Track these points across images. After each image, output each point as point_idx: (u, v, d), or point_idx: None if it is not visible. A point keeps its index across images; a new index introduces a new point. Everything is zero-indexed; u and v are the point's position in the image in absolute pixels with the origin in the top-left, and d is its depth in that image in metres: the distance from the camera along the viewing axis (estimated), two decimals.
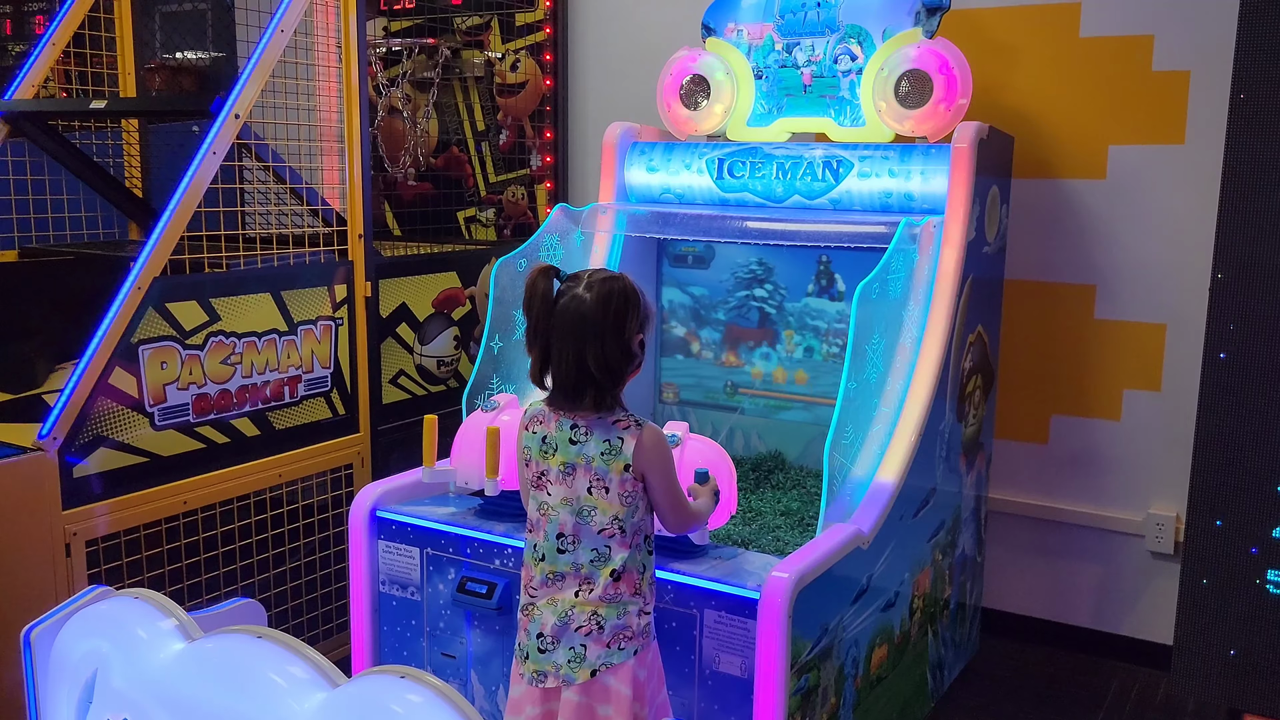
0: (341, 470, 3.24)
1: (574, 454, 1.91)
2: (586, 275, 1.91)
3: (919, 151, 2.91)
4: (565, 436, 1.91)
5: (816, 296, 3.26)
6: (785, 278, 3.29)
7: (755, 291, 3.34)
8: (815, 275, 3.25)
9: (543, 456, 1.94)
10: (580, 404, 1.90)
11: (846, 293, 3.21)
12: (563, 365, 1.88)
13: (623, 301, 1.89)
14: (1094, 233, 3.40)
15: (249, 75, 2.87)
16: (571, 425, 1.92)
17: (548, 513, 1.94)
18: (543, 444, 1.94)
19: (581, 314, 1.87)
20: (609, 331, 1.87)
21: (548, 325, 1.89)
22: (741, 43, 3.23)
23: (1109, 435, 3.45)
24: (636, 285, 1.94)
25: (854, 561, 2.35)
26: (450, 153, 4.37)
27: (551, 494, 1.93)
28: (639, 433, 1.91)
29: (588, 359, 1.86)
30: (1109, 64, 3.31)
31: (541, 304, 1.90)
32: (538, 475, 1.95)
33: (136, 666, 1.76)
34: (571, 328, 1.87)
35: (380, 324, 3.34)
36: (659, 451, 1.92)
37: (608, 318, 1.87)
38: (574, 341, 1.87)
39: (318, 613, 3.23)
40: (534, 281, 1.90)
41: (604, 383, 1.89)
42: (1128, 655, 3.49)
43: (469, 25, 4.23)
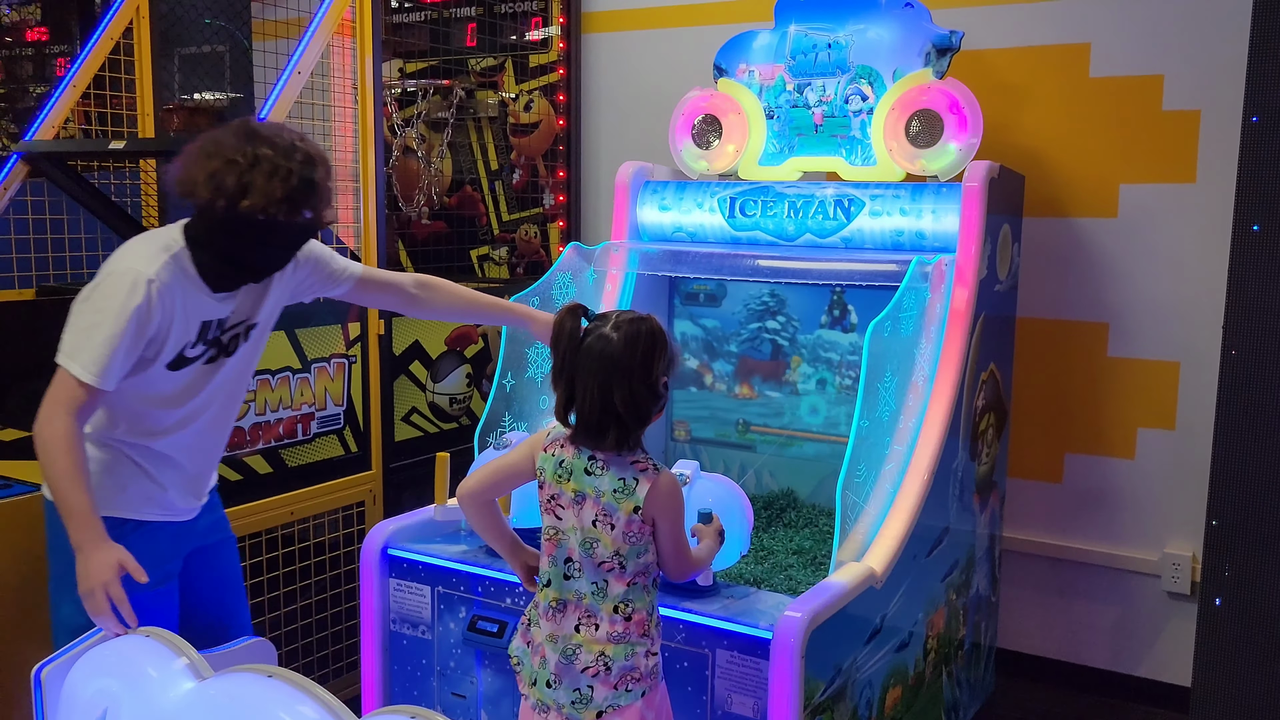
0: (354, 508, 3.24)
1: (587, 484, 1.91)
2: (614, 315, 1.92)
3: (930, 190, 2.92)
4: (581, 465, 1.91)
5: (829, 329, 3.26)
6: (797, 310, 3.29)
7: (768, 323, 3.34)
8: (828, 307, 3.25)
9: (557, 480, 1.94)
10: (603, 443, 1.90)
11: (859, 325, 3.22)
12: (587, 404, 1.88)
13: (650, 343, 1.89)
14: (1106, 271, 3.40)
15: (266, 116, 2.90)
16: (590, 456, 1.92)
17: (555, 537, 1.94)
18: (559, 467, 1.94)
19: (608, 354, 1.87)
20: (636, 372, 1.87)
21: (573, 364, 1.90)
22: (753, 83, 3.26)
23: (1123, 474, 3.43)
24: (663, 327, 1.95)
25: (867, 601, 2.34)
26: (464, 192, 4.41)
27: (563, 518, 1.93)
28: (655, 477, 1.90)
29: (614, 399, 1.86)
30: (1119, 103, 3.32)
31: (568, 342, 1.90)
32: (550, 498, 1.95)
33: (147, 705, 1.76)
34: (597, 367, 1.87)
35: (393, 362, 3.36)
36: (672, 500, 1.92)
37: (635, 358, 1.87)
38: (600, 381, 1.87)
39: (328, 651, 3.22)
40: (561, 320, 1.91)
41: (629, 423, 1.89)
42: (1145, 697, 3.45)
43: (483, 66, 4.28)
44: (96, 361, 2.00)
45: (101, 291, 2.03)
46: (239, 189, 2.02)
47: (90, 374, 1.99)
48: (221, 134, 2.09)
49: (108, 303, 2.02)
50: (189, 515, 2.31)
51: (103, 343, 2.00)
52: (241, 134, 2.07)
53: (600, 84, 4.16)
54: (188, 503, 2.29)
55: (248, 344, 2.28)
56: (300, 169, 2.06)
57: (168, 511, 2.25)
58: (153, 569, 2.05)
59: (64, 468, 1.98)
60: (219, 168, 2.03)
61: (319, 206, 2.13)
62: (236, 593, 2.48)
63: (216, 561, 2.42)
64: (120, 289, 2.02)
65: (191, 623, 2.36)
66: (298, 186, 2.05)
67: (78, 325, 2.03)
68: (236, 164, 2.03)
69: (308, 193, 2.08)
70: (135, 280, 2.02)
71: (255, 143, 2.05)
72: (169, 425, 2.20)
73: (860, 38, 3.10)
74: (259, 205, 2.03)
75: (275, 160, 2.04)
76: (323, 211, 2.15)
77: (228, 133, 2.08)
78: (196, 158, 2.07)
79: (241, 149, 2.04)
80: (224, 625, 2.41)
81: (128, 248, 2.10)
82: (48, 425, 1.99)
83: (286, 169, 2.04)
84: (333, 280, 2.40)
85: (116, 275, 2.04)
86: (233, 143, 2.05)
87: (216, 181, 2.03)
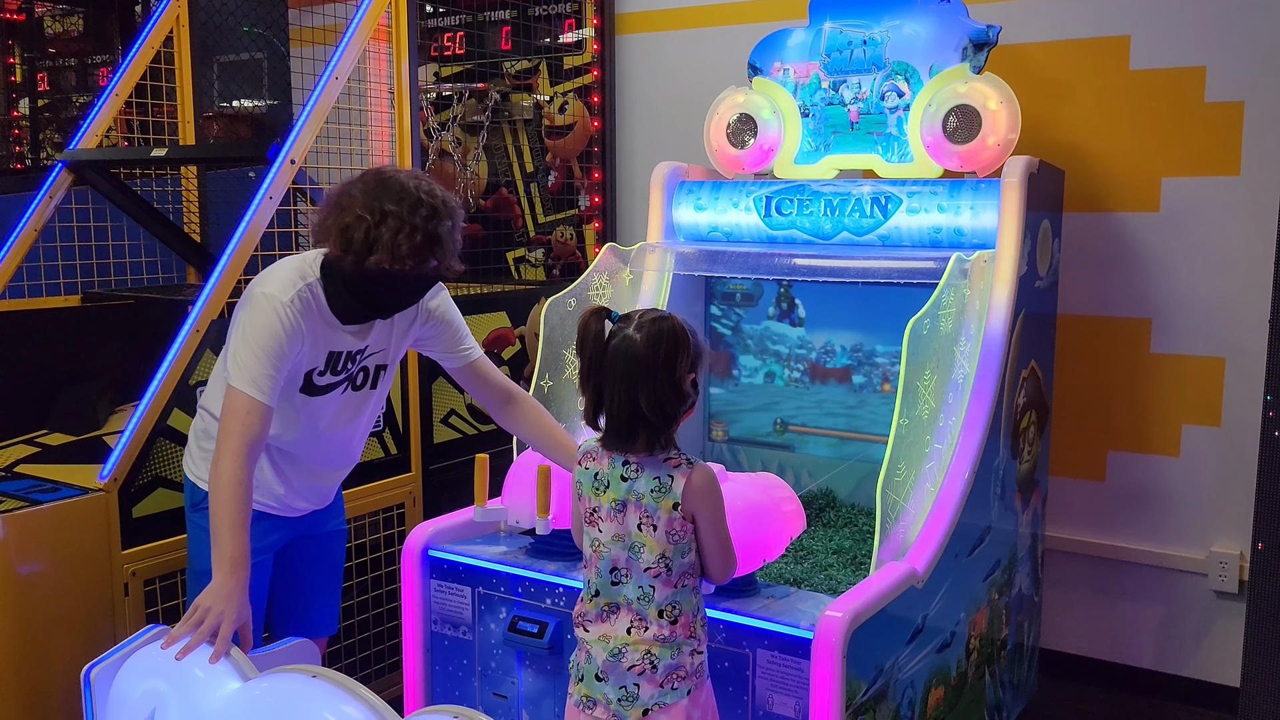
0: (394, 510, 3.26)
1: (625, 490, 1.91)
2: (637, 316, 1.92)
3: (968, 186, 2.90)
4: (617, 473, 1.92)
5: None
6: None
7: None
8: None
9: (595, 493, 1.94)
10: (633, 445, 1.91)
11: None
12: (615, 406, 1.89)
13: (672, 342, 1.89)
14: (1148, 266, 3.36)
15: (304, 121, 2.93)
16: (624, 462, 1.92)
17: (599, 549, 1.94)
18: (595, 480, 1.94)
19: (632, 355, 1.87)
20: (660, 372, 1.87)
21: (600, 366, 1.90)
22: (788, 81, 3.25)
23: (1168, 471, 3.39)
24: (688, 325, 1.95)
25: (908, 601, 2.32)
26: (499, 194, 4.43)
27: (603, 530, 1.94)
28: (689, 472, 1.90)
29: (640, 400, 1.86)
30: (1161, 96, 3.28)
31: (593, 345, 1.91)
32: (590, 511, 1.96)
33: (193, 705, 1.79)
34: (623, 369, 1.88)
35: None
36: (710, 492, 1.92)
37: (658, 358, 1.87)
38: (625, 382, 1.87)
39: (370, 652, 3.24)
40: (586, 323, 1.92)
41: (656, 423, 1.89)
42: (1192, 698, 3.40)
43: (518, 69, 4.30)
44: (258, 380, 2.11)
45: (248, 316, 2.16)
46: (365, 246, 2.11)
47: (259, 391, 2.11)
48: (353, 185, 2.18)
49: (255, 326, 2.14)
50: (301, 514, 2.45)
51: (258, 361, 2.12)
52: (371, 187, 2.15)
53: (635, 85, 4.16)
54: (303, 505, 2.44)
55: (386, 375, 2.43)
56: (425, 224, 2.13)
57: (282, 507, 2.41)
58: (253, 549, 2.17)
59: (229, 514, 2.08)
60: (350, 223, 2.12)
61: (445, 258, 2.20)
62: (331, 582, 2.62)
63: (320, 550, 2.57)
64: (262, 312, 2.15)
65: (281, 604, 2.53)
66: (422, 243, 2.13)
67: (235, 351, 2.15)
68: (364, 220, 2.11)
69: (433, 247, 2.16)
70: (270, 304, 2.15)
71: (384, 198, 2.13)
72: (306, 436, 2.34)
73: (896, 34, 3.08)
74: (385, 260, 2.11)
75: (401, 216, 2.11)
76: (448, 261, 2.22)
77: (358, 184, 2.17)
78: (331, 209, 2.18)
79: (369, 205, 2.12)
80: (311, 611, 2.57)
81: (268, 272, 2.23)
82: (228, 462, 2.10)
83: (412, 225, 2.12)
84: (453, 353, 2.51)
85: (255, 299, 2.17)
86: (361, 198, 2.14)
87: (347, 238, 2.12)
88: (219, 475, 2.10)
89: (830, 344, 3.22)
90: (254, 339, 2.13)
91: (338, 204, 2.17)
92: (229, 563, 2.05)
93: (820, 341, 3.23)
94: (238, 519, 2.08)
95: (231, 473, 2.08)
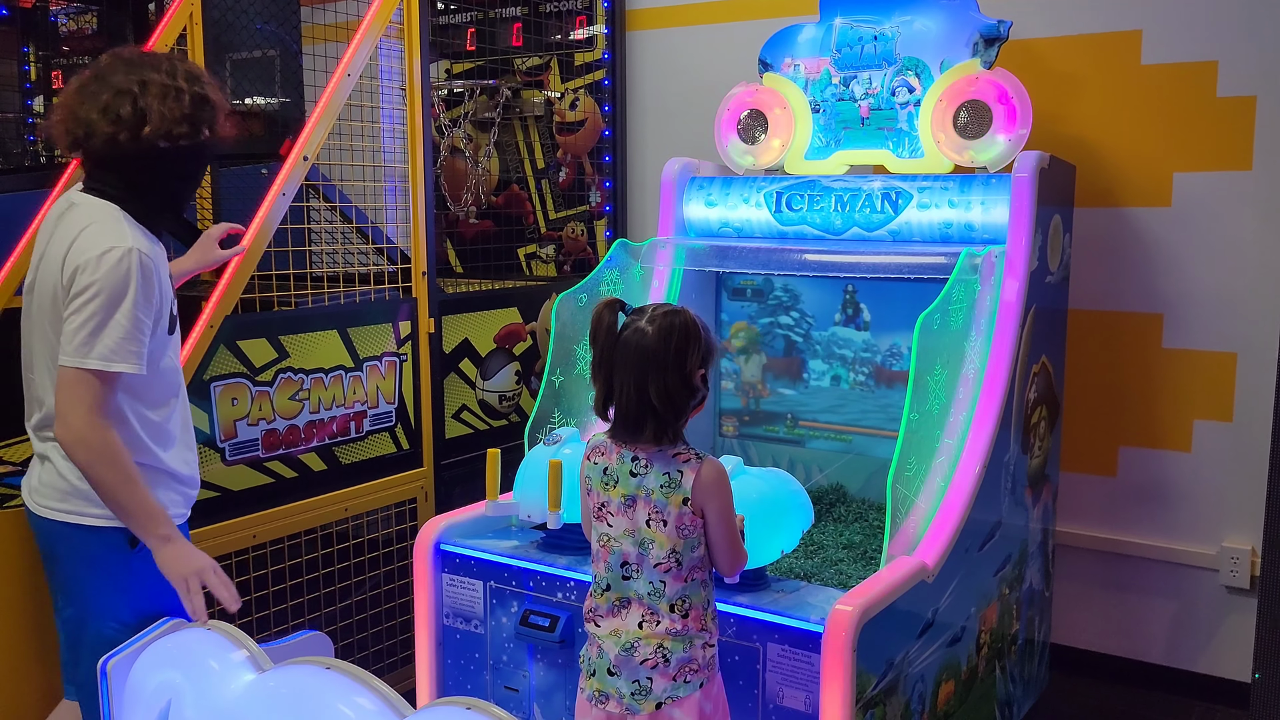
0: (406, 504, 3.28)
1: (634, 486, 1.92)
2: (650, 309, 1.94)
3: (979, 182, 2.90)
4: (626, 469, 1.93)
5: (844, 326, 3.26)
6: (811, 306, 3.30)
7: (780, 319, 3.34)
8: (842, 305, 3.25)
9: (604, 488, 1.95)
10: (640, 436, 1.92)
11: (872, 323, 3.21)
12: (624, 397, 1.90)
13: (683, 336, 1.90)
14: (1160, 261, 3.35)
15: (316, 118, 2.94)
16: (633, 457, 1.93)
17: (609, 544, 1.95)
18: (604, 475, 1.96)
19: (643, 347, 1.89)
20: (670, 365, 1.88)
21: (611, 357, 1.91)
22: (799, 77, 3.25)
23: (1179, 467, 3.38)
24: (700, 320, 1.96)
25: (919, 595, 2.33)
26: (511, 190, 4.44)
27: (613, 525, 1.95)
28: (699, 466, 1.91)
29: (649, 391, 1.88)
30: (1172, 91, 3.27)
31: (606, 336, 1.92)
32: (599, 506, 1.97)
33: (208, 697, 1.80)
34: (633, 360, 1.89)
35: (443, 360, 3.40)
36: (718, 487, 1.93)
37: (668, 351, 1.88)
38: (635, 374, 1.89)
39: (383, 645, 3.26)
40: (599, 314, 1.93)
41: (665, 416, 1.90)
42: (1204, 693, 3.40)
43: (529, 66, 4.31)
44: (118, 350, 1.95)
45: (98, 282, 1.95)
46: (136, 119, 1.99)
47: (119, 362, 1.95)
48: (96, 69, 2.05)
49: (105, 288, 1.95)
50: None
51: (116, 327, 1.95)
52: (119, 64, 2.04)
53: (645, 81, 4.17)
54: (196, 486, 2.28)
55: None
56: (189, 86, 2.04)
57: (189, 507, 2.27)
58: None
59: (128, 469, 1.98)
60: (110, 100, 2.00)
61: (216, 123, 2.10)
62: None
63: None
64: (114, 271, 1.96)
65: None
66: (191, 105, 2.04)
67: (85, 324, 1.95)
68: (128, 93, 2.00)
69: (203, 108, 2.06)
70: (126, 258, 1.97)
71: (137, 69, 2.03)
72: (173, 400, 2.17)
73: (907, 29, 3.08)
74: (161, 129, 2.00)
75: (163, 82, 2.02)
76: (220, 128, 2.12)
77: (102, 67, 2.05)
78: (79, 98, 2.03)
79: (127, 77, 2.01)
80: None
81: (91, 237, 1.99)
82: (95, 431, 1.95)
83: (177, 89, 2.03)
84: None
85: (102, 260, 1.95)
86: (115, 74, 2.02)
87: (112, 114, 1.99)
88: (98, 442, 1.94)
89: (895, 347, 3.20)
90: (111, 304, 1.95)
91: (85, 91, 2.02)
92: (166, 523, 2.02)
93: (885, 345, 3.21)
94: (137, 473, 1.99)
95: (109, 434, 1.95)
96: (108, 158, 2.05)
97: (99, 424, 1.96)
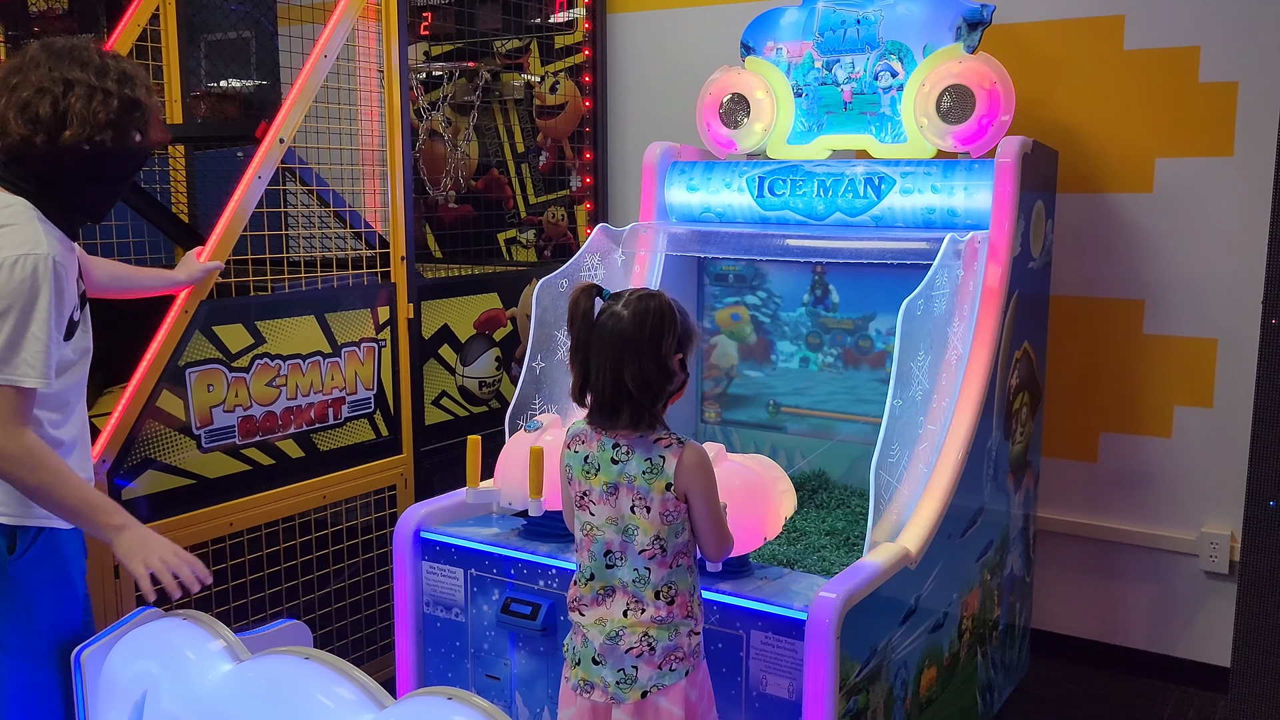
0: (385, 491, 3.25)
1: (616, 473, 1.90)
2: (627, 293, 1.92)
3: (962, 167, 2.89)
4: (608, 456, 1.91)
5: (812, 307, 3.24)
6: (779, 288, 3.28)
7: (746, 299, 3.33)
8: (810, 286, 3.23)
9: (585, 476, 1.93)
10: (617, 421, 1.90)
11: (840, 304, 3.20)
12: (600, 383, 1.88)
13: (659, 320, 1.88)
14: (1142, 247, 3.35)
15: (293, 100, 2.90)
16: (614, 444, 1.91)
17: (592, 533, 1.93)
18: (585, 463, 1.94)
19: (619, 332, 1.87)
20: (645, 349, 1.86)
21: (588, 343, 1.89)
22: (781, 61, 3.23)
23: (1160, 452, 3.39)
24: (678, 305, 1.93)
25: (902, 582, 2.32)
26: (490, 175, 4.40)
27: (595, 514, 1.93)
28: (680, 451, 1.90)
29: (625, 377, 1.86)
30: (1155, 76, 3.27)
31: (583, 322, 1.90)
32: (580, 495, 1.95)
33: (185, 687, 1.77)
34: (609, 345, 1.87)
35: (422, 345, 3.36)
36: (701, 471, 1.91)
37: (644, 335, 1.86)
38: (611, 359, 1.87)
39: (362, 634, 3.23)
40: (576, 300, 1.91)
41: (641, 400, 1.88)
42: (1183, 678, 3.42)
43: (509, 49, 4.26)
44: (34, 363, 1.85)
45: (9, 292, 1.85)
46: (56, 121, 1.86)
47: (35, 377, 1.85)
48: (20, 61, 1.91)
49: (19, 299, 1.84)
50: None
51: (33, 340, 1.85)
52: (45, 57, 1.90)
53: (626, 64, 4.13)
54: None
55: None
56: (120, 88, 1.91)
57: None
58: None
59: (57, 468, 1.89)
60: (29, 98, 1.86)
61: (147, 128, 1.98)
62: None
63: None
64: (26, 280, 1.85)
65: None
66: (120, 109, 1.90)
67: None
68: (48, 92, 1.86)
69: (133, 113, 1.93)
70: (38, 265, 1.85)
71: (63, 65, 1.89)
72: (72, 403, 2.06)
73: (890, 13, 3.06)
74: (81, 133, 1.87)
75: (89, 82, 1.88)
76: (151, 133, 1.99)
77: (27, 59, 1.90)
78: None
79: (50, 75, 1.87)
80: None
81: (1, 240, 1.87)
82: (15, 441, 1.85)
83: (105, 90, 1.89)
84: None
85: (15, 268, 1.84)
86: (38, 69, 1.88)
87: (30, 114, 1.86)
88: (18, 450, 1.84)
89: (861, 329, 3.19)
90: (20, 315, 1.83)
91: (4, 84, 1.88)
92: (115, 511, 1.93)
93: (854, 326, 3.20)
94: (68, 468, 1.90)
95: (28, 440, 1.85)
96: (22, 156, 1.91)
97: (15, 433, 1.86)
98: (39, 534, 1.97)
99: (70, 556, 2.02)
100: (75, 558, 2.04)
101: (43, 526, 1.97)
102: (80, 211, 2.03)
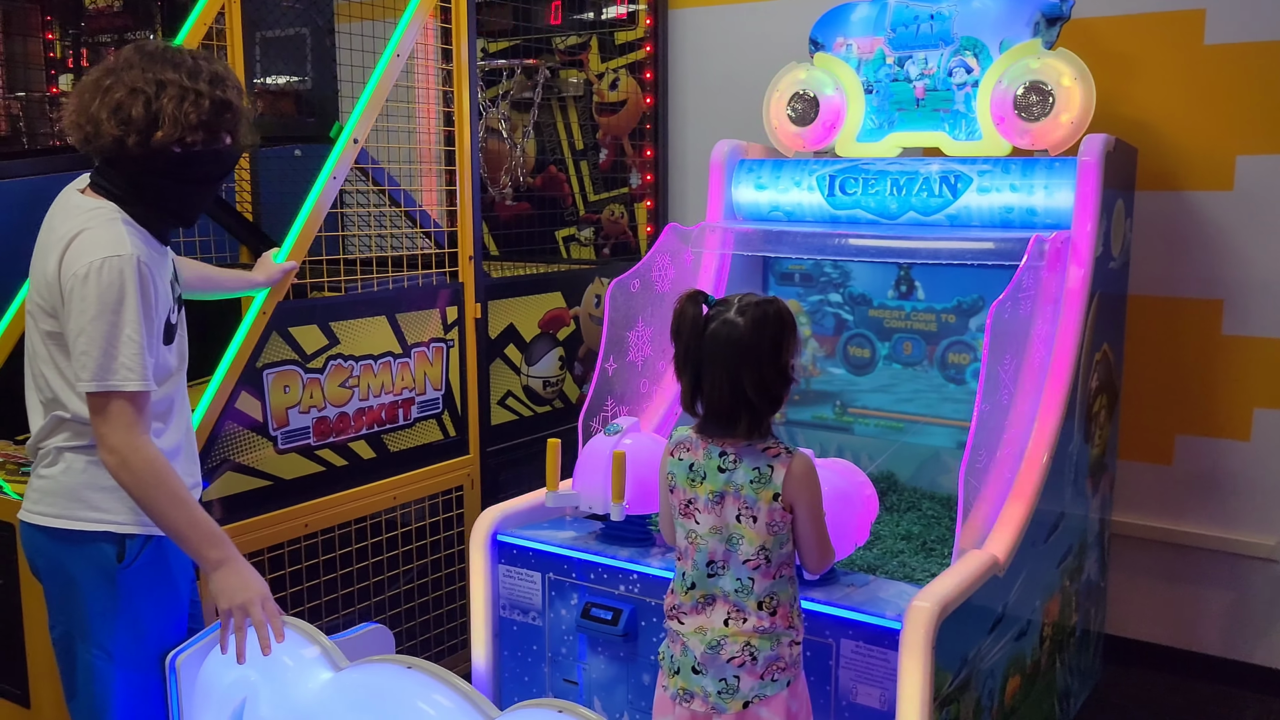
0: (453, 492, 3.24)
1: (722, 482, 1.87)
2: (738, 300, 1.88)
3: (1042, 165, 2.83)
4: (714, 464, 1.88)
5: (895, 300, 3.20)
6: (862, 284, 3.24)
7: (830, 296, 3.29)
8: (895, 281, 3.18)
9: (690, 484, 1.91)
10: (735, 430, 1.87)
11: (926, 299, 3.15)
12: (715, 392, 1.85)
13: (779, 325, 1.86)
14: (1221, 246, 3.28)
15: (367, 100, 2.88)
16: (720, 453, 1.88)
17: (696, 541, 1.91)
18: (690, 471, 1.91)
19: (735, 339, 1.83)
20: (766, 356, 1.83)
21: (698, 351, 1.86)
22: (851, 57, 3.18)
23: (1238, 455, 3.32)
24: (789, 309, 1.91)
25: (991, 590, 2.28)
26: (548, 172, 4.37)
27: (700, 522, 1.90)
28: (789, 461, 1.86)
29: (744, 384, 1.83)
30: (1236, 71, 3.20)
31: (691, 329, 1.87)
32: (685, 503, 1.92)
33: (285, 694, 1.77)
34: (725, 353, 1.84)
35: (489, 345, 3.35)
36: (809, 481, 1.88)
37: (764, 342, 1.84)
38: (728, 367, 1.83)
39: (431, 634, 3.23)
40: (682, 308, 1.88)
41: (761, 408, 1.85)
42: (1262, 685, 3.35)
43: (568, 45, 4.24)
44: (133, 365, 1.85)
45: (97, 297, 1.84)
46: (148, 121, 1.86)
47: (136, 380, 1.85)
48: (113, 62, 1.91)
49: (108, 304, 1.84)
50: None
51: (128, 343, 1.84)
52: (138, 59, 1.90)
53: (688, 60, 4.10)
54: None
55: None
56: (211, 90, 1.90)
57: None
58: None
59: (174, 488, 1.88)
60: (123, 99, 1.86)
61: (238, 130, 1.98)
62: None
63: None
64: (113, 283, 1.84)
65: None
66: (211, 110, 1.90)
67: (94, 344, 1.84)
68: (141, 93, 1.86)
69: (223, 115, 1.93)
70: (123, 267, 1.85)
71: (156, 66, 1.89)
72: (175, 409, 2.05)
73: (965, 8, 3.01)
74: (173, 135, 1.87)
75: (182, 83, 1.88)
76: (241, 135, 1.99)
77: (120, 60, 1.91)
78: (92, 92, 1.89)
79: (143, 76, 1.87)
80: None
81: (86, 244, 1.87)
82: (137, 453, 1.85)
83: (196, 92, 1.89)
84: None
85: (100, 272, 1.84)
86: (130, 70, 1.88)
87: (122, 116, 1.85)
88: (142, 463, 1.83)
89: (948, 324, 3.14)
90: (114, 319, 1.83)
91: (98, 85, 1.88)
92: (219, 544, 1.90)
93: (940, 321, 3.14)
94: (188, 491, 1.89)
95: (152, 451, 1.84)
96: (114, 158, 1.92)
97: (138, 444, 1.86)
98: (147, 542, 1.97)
99: (176, 564, 2.01)
100: (182, 565, 2.04)
101: (151, 534, 1.97)
102: (171, 214, 2.03)
